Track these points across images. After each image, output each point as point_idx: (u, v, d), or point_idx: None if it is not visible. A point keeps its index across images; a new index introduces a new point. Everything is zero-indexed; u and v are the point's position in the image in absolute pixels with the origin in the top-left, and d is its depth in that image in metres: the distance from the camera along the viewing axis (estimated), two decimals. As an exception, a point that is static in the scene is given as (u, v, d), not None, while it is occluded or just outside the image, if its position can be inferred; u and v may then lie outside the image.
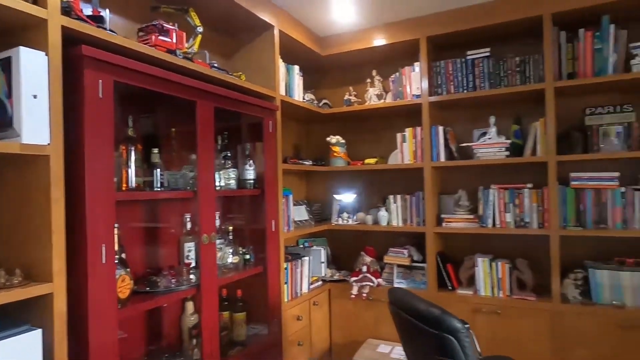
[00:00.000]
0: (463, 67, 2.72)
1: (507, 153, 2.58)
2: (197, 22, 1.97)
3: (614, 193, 2.37)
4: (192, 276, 1.90)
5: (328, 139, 3.16)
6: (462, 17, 2.65)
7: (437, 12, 2.72)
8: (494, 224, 2.64)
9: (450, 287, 2.75)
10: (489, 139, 2.66)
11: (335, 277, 3.07)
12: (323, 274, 3.02)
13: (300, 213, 3.08)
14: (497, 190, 2.63)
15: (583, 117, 2.49)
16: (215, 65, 2.07)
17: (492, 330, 2.54)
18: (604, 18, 2.37)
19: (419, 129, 2.84)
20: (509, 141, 2.60)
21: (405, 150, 2.90)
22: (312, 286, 2.86)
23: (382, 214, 2.98)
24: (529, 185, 2.56)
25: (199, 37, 1.97)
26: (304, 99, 2.98)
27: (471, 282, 2.71)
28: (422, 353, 1.60)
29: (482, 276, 2.63)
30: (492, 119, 2.67)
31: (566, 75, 2.47)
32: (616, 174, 2.37)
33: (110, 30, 1.53)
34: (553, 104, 2.42)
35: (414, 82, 2.87)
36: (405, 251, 2.91)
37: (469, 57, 2.71)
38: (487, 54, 2.67)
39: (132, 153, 1.66)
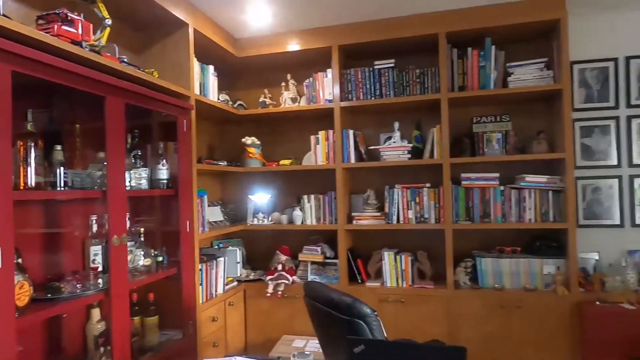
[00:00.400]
0: (371, 75, 2.94)
1: (409, 156, 2.84)
2: (106, 14, 1.88)
3: (495, 191, 2.75)
4: (99, 280, 1.81)
5: (243, 140, 3.18)
6: (370, 30, 2.86)
7: (349, 23, 2.90)
8: (398, 220, 2.89)
9: (359, 281, 2.94)
10: (394, 142, 2.90)
11: (251, 277, 3.10)
12: (238, 274, 3.03)
13: (215, 214, 3.05)
14: (401, 189, 2.89)
15: (471, 125, 2.85)
16: (125, 60, 1.99)
17: (397, 317, 2.77)
18: (487, 40, 2.74)
19: (331, 132, 2.99)
20: (410, 145, 2.87)
21: (319, 152, 3.04)
22: (227, 287, 2.86)
23: (297, 213, 3.08)
24: (428, 185, 2.85)
25: (108, 29, 1.89)
26: (218, 99, 2.97)
27: (379, 274, 2.92)
28: (335, 339, 1.71)
29: (388, 269, 2.86)
30: (397, 125, 2.92)
31: (457, 88, 2.80)
32: (496, 175, 2.75)
33: (4, 16, 1.41)
34: (447, 113, 2.73)
35: (327, 87, 3.03)
36: (319, 248, 3.04)
37: (376, 67, 2.93)
38: (392, 64, 2.91)
39: (32, 150, 1.54)
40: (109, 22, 1.88)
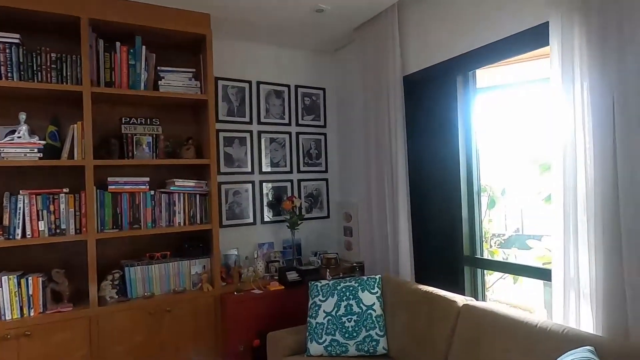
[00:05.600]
0: (-17, 48, 2.26)
1: (41, 155, 2.35)
2: None
3: (146, 196, 2.66)
4: None
5: None
6: (-20, -12, 2.19)
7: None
8: (24, 235, 2.33)
9: (-40, 321, 2.17)
10: (19, 137, 2.33)
11: None
12: None
13: None
14: (28, 196, 2.34)
15: (120, 125, 2.65)
16: None
17: (23, 355, 2.22)
18: (137, 38, 2.62)
19: None
20: (43, 142, 2.38)
21: None
22: None
23: None
24: (66, 190, 2.44)
25: None
26: None
27: (-7, 307, 2.26)
28: None
29: (8, 297, 2.25)
30: (23, 116, 2.35)
31: (104, 83, 2.55)
32: (147, 179, 2.67)
33: None
34: (90, 109, 2.43)
35: None
36: None
37: (-8, 39, 2.28)
38: (17, 41, 2.33)
39: None
40: None
